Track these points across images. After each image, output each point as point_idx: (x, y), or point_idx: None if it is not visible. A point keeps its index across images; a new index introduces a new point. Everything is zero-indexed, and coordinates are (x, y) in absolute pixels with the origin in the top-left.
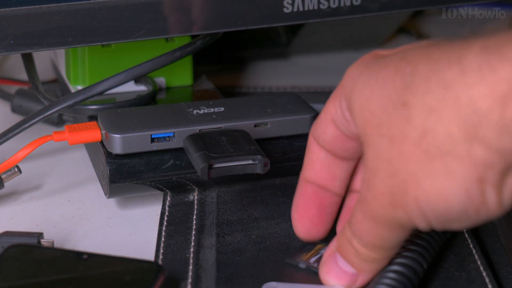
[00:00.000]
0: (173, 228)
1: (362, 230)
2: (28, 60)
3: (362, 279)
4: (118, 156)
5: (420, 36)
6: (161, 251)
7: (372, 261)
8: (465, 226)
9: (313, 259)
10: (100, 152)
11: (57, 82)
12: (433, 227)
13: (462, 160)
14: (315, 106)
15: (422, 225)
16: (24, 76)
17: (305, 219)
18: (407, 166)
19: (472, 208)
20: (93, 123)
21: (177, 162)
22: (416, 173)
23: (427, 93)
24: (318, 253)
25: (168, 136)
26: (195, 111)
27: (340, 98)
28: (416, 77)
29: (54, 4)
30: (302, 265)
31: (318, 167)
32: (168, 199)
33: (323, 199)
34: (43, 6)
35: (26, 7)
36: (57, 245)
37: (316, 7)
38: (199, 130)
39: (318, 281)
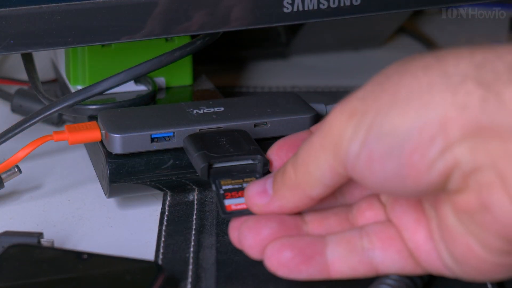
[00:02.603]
0: (173, 228)
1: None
2: (28, 60)
3: (269, 205)
4: (118, 156)
5: (420, 36)
6: (161, 251)
7: (288, 186)
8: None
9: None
10: (100, 152)
11: (57, 82)
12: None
13: None
14: (315, 106)
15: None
16: (24, 76)
17: (282, 151)
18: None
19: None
20: (93, 123)
21: (177, 162)
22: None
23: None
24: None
25: (168, 136)
26: (195, 111)
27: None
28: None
29: (54, 4)
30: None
31: None
32: (168, 199)
33: None
34: (43, 6)
35: (26, 7)
36: (57, 245)
37: (316, 7)
38: (199, 130)
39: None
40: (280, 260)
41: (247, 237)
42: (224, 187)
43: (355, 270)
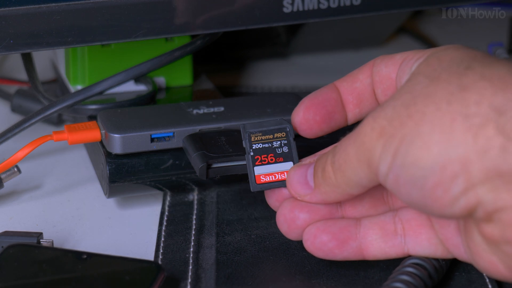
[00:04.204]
0: (173, 228)
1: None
2: (28, 60)
3: (311, 197)
4: (117, 156)
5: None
6: (161, 251)
7: (329, 184)
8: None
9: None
10: (100, 152)
11: (57, 82)
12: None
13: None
14: None
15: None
16: (24, 76)
17: (313, 108)
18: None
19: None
20: (93, 122)
21: (177, 162)
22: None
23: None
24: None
25: (168, 136)
26: (194, 111)
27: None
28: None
29: (54, 4)
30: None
31: (355, 86)
32: (168, 199)
33: (335, 108)
34: (43, 6)
35: (26, 7)
36: (56, 245)
37: (316, 7)
38: (199, 130)
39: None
40: (316, 245)
41: (282, 225)
42: (254, 146)
43: (387, 254)
